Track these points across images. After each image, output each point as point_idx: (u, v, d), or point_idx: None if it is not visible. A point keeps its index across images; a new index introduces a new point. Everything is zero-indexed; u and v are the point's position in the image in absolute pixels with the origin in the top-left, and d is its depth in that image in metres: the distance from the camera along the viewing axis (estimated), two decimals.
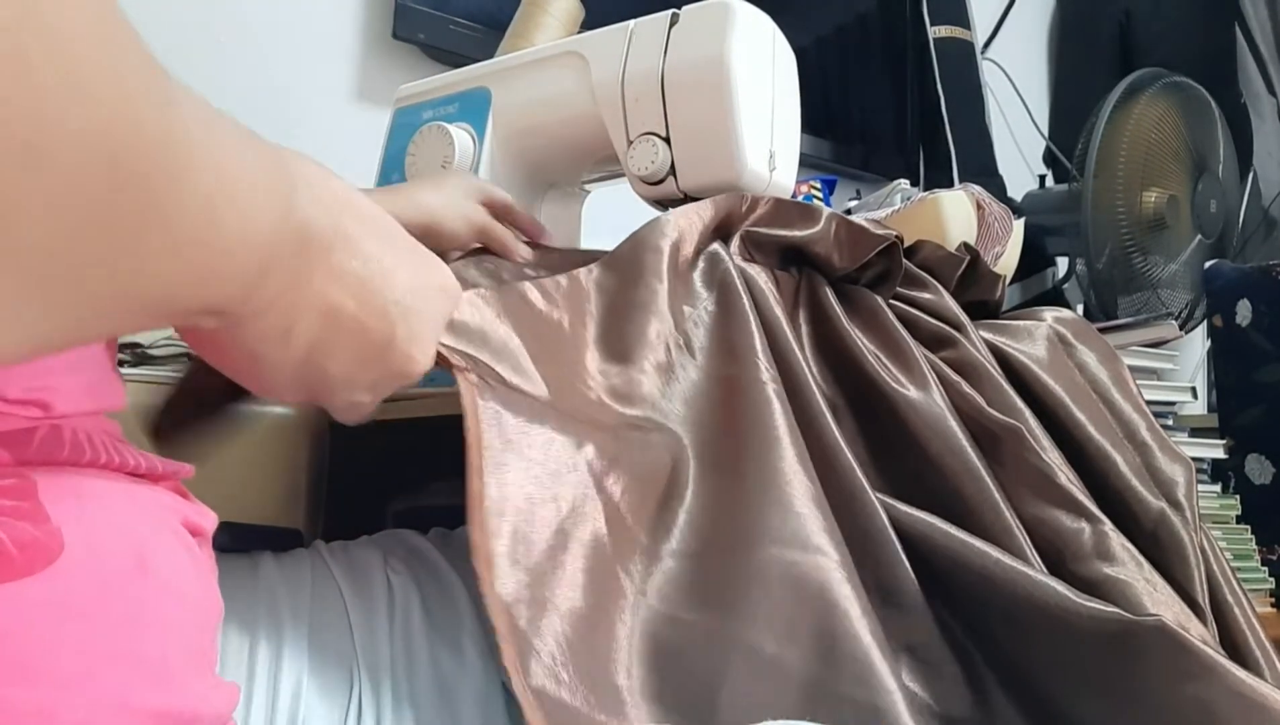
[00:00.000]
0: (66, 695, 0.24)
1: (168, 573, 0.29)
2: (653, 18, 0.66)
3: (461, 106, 0.73)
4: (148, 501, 0.31)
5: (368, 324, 0.33)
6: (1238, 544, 1.12)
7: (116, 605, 0.27)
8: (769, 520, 0.47)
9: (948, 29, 1.70)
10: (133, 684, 0.26)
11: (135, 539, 0.29)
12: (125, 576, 0.28)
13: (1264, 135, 1.84)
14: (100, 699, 0.25)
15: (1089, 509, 0.58)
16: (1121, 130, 1.40)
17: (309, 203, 0.30)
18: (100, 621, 0.26)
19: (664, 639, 0.43)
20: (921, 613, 0.52)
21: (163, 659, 0.28)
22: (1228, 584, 0.64)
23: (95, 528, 0.27)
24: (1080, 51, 2.02)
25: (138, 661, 0.27)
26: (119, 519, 0.29)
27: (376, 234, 0.34)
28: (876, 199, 1.13)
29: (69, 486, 0.27)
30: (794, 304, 0.62)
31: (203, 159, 0.24)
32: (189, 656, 0.29)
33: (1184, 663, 0.47)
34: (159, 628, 0.28)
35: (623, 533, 0.46)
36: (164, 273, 0.24)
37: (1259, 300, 1.25)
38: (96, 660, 0.26)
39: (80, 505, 0.27)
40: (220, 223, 0.25)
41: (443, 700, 0.41)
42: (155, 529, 0.30)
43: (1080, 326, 0.75)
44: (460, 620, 0.43)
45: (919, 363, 0.60)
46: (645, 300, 0.54)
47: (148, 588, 0.28)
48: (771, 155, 0.66)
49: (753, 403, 0.51)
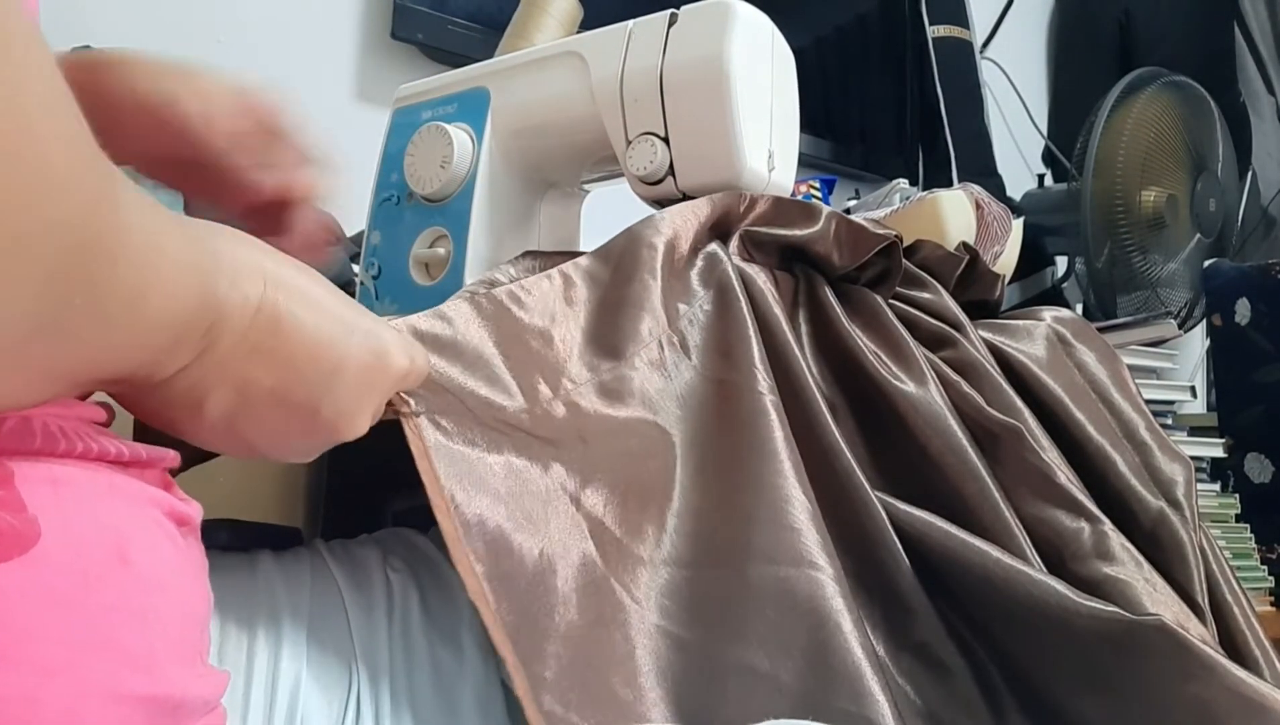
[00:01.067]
0: (51, 682, 0.25)
1: (149, 563, 0.29)
2: (651, 18, 0.66)
3: (460, 106, 0.73)
4: (129, 491, 0.31)
5: (289, 398, 0.34)
6: (1237, 543, 1.12)
7: (97, 594, 0.27)
8: (762, 536, 0.47)
9: (946, 28, 1.70)
10: (118, 672, 0.26)
11: (115, 528, 0.29)
12: (105, 565, 0.28)
13: (1263, 134, 1.84)
14: (86, 686, 0.25)
15: (1089, 509, 0.58)
16: (1120, 129, 1.40)
17: (229, 286, 0.31)
18: (80, 610, 0.26)
19: (664, 656, 0.44)
20: (925, 611, 0.52)
21: (148, 649, 0.28)
22: (1227, 583, 0.64)
23: (73, 517, 0.27)
24: (1079, 51, 2.02)
25: (121, 650, 0.27)
26: (98, 508, 0.29)
27: (306, 305, 0.34)
28: (875, 199, 1.13)
29: (45, 475, 0.27)
30: (793, 304, 0.62)
31: (141, 246, 0.27)
32: (173, 647, 0.29)
33: (1184, 662, 0.47)
34: (141, 617, 0.28)
35: (612, 545, 0.46)
36: (89, 346, 0.26)
37: (1258, 299, 1.26)
38: (79, 649, 0.26)
39: (57, 493, 0.27)
40: (146, 305, 0.27)
41: (441, 697, 0.41)
42: (136, 519, 0.30)
43: (1079, 326, 0.75)
44: (459, 618, 0.43)
45: (918, 361, 0.60)
46: (639, 295, 0.53)
47: (128, 577, 0.28)
48: (770, 155, 0.66)
49: (749, 412, 0.51)
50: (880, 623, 0.53)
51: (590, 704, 0.40)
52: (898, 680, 0.51)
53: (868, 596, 0.53)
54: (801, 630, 0.45)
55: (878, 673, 0.44)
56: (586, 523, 0.46)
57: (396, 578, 0.43)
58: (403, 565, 0.44)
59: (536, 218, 0.77)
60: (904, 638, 0.53)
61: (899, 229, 0.69)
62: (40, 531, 0.26)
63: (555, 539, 0.45)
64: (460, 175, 0.70)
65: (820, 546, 0.47)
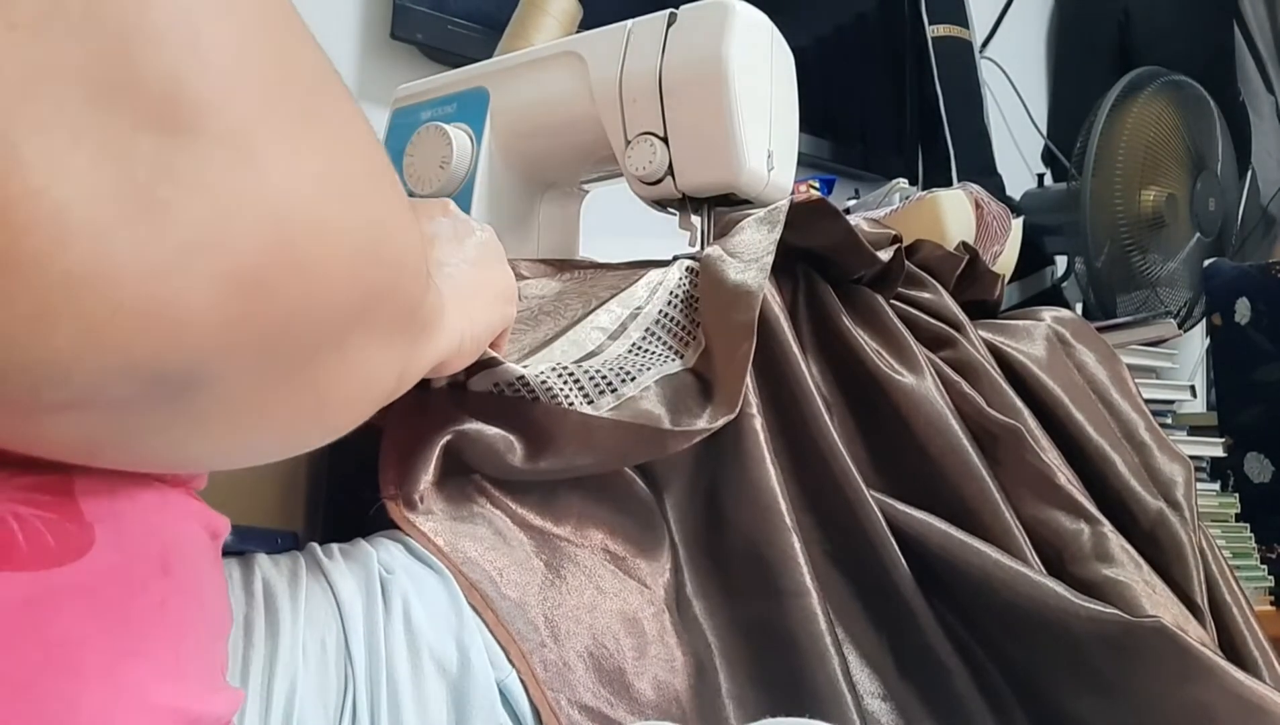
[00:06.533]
0: (88, 686, 0.25)
1: (187, 575, 0.30)
2: (650, 17, 0.66)
3: (460, 107, 0.73)
4: (177, 505, 0.31)
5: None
6: (1237, 542, 1.12)
7: (139, 603, 0.27)
8: (748, 571, 0.50)
9: (946, 28, 1.70)
10: (149, 681, 0.27)
11: (161, 540, 0.29)
12: (149, 575, 0.28)
13: (1262, 133, 1.84)
14: (119, 692, 0.26)
15: (1088, 510, 0.58)
16: (1120, 129, 1.40)
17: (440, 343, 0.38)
18: (122, 617, 0.26)
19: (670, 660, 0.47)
20: (923, 613, 0.52)
21: (178, 660, 0.28)
22: (1226, 584, 0.64)
23: (125, 527, 0.28)
24: (1079, 50, 2.02)
25: (155, 659, 0.27)
26: (149, 520, 0.29)
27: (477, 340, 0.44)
28: (875, 198, 1.13)
29: (103, 487, 0.28)
30: (794, 303, 0.62)
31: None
32: (200, 660, 0.30)
33: (1182, 664, 0.47)
34: (177, 628, 0.28)
35: (613, 551, 0.49)
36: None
37: (1258, 298, 1.25)
38: (118, 655, 0.26)
39: (114, 504, 0.28)
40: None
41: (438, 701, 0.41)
42: (181, 532, 0.31)
43: (1079, 326, 0.75)
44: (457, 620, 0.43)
45: (919, 359, 0.60)
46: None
47: (169, 588, 0.28)
48: (770, 155, 0.65)
49: (735, 434, 0.52)
50: (879, 624, 0.53)
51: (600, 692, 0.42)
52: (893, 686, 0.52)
53: (866, 599, 0.53)
54: (783, 663, 0.48)
55: (850, 695, 0.47)
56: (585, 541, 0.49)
57: (394, 580, 0.43)
58: (400, 567, 0.44)
59: (536, 217, 0.77)
60: (902, 639, 0.53)
61: (899, 229, 0.69)
62: (95, 539, 0.26)
63: (551, 546, 0.48)
64: (460, 175, 0.70)
65: (804, 571, 0.49)
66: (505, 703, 0.42)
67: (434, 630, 0.42)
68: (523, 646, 0.43)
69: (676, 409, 0.50)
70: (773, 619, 0.49)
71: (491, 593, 0.44)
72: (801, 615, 0.48)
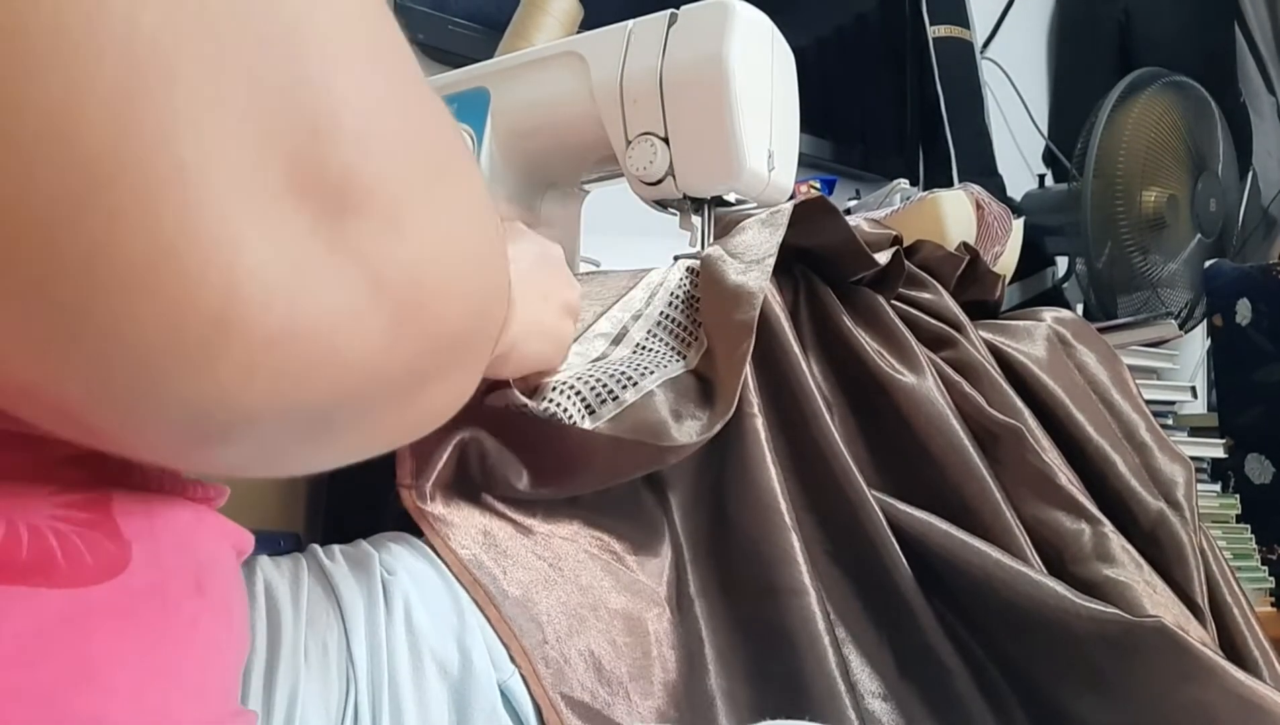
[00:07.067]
0: (118, 702, 0.25)
1: (220, 595, 0.30)
2: (651, 18, 0.65)
3: (460, 107, 0.73)
4: (211, 525, 0.32)
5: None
6: (1238, 543, 1.12)
7: (172, 621, 0.27)
8: (748, 569, 0.51)
9: (947, 28, 1.70)
10: (174, 698, 0.27)
11: (196, 559, 0.30)
12: (183, 594, 0.28)
13: (1263, 134, 1.84)
14: (145, 709, 0.26)
15: (1089, 510, 0.58)
16: (1121, 129, 1.39)
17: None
18: (154, 635, 0.27)
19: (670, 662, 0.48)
20: (924, 612, 0.52)
21: (204, 680, 0.28)
22: (1227, 584, 0.64)
23: (162, 545, 0.28)
24: (1080, 51, 2.02)
25: (181, 678, 0.27)
26: (184, 539, 0.30)
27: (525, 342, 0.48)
28: (876, 199, 1.13)
29: (141, 506, 0.28)
30: (794, 303, 0.62)
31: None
32: (221, 679, 0.30)
33: (1183, 664, 0.47)
34: (204, 647, 0.29)
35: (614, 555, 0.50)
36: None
37: (1259, 299, 1.25)
38: (149, 674, 0.26)
39: (150, 523, 0.28)
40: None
41: (440, 703, 0.41)
42: (214, 552, 0.31)
43: (1080, 327, 0.75)
44: (459, 622, 0.43)
45: (919, 358, 0.60)
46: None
47: (201, 607, 0.29)
48: (770, 155, 0.65)
49: (736, 433, 0.53)
50: (879, 624, 0.53)
51: (598, 693, 0.42)
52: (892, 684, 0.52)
53: (866, 598, 0.53)
54: (780, 660, 0.48)
55: (849, 694, 0.47)
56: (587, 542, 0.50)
57: (395, 581, 0.43)
58: (401, 569, 0.44)
59: (537, 217, 0.77)
60: (903, 638, 0.53)
61: (899, 229, 0.69)
62: (131, 557, 0.27)
63: (553, 547, 0.48)
64: None
65: (803, 571, 0.50)
66: (507, 704, 0.42)
67: (436, 632, 0.42)
68: (524, 643, 0.43)
69: (679, 415, 0.51)
70: (771, 617, 0.49)
71: (494, 589, 0.44)
72: (800, 614, 0.48)
